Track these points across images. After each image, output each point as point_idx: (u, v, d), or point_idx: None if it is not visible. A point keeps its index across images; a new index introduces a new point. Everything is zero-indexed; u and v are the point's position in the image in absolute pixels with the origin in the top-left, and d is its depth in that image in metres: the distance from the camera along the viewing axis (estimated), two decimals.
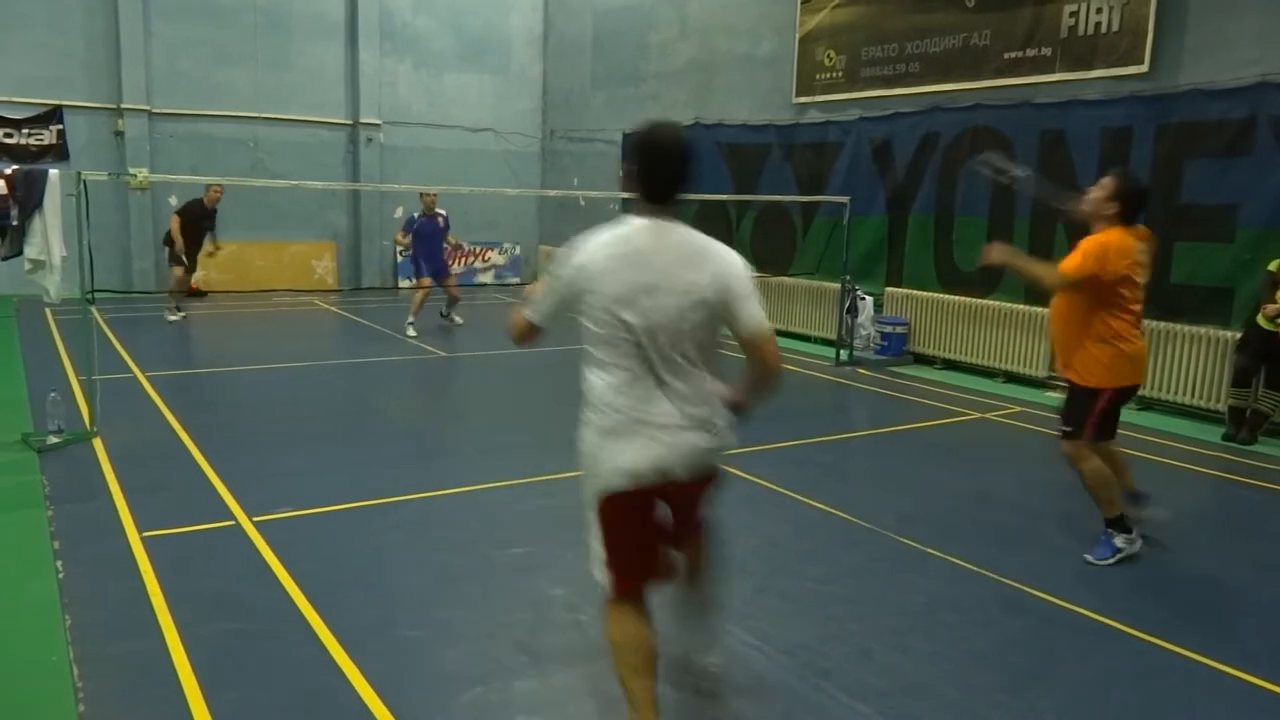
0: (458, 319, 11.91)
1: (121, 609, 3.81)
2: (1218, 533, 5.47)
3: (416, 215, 11.55)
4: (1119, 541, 4.66)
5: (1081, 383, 4.60)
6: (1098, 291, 4.44)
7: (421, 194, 11.66)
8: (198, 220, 11.68)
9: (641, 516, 2.80)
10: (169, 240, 11.68)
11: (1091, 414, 4.58)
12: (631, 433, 2.67)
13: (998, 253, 4.77)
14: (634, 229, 2.73)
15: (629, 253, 2.69)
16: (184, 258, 11.64)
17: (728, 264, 2.72)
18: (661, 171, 2.75)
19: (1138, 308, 4.57)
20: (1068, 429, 4.68)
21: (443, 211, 11.65)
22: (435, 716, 3.13)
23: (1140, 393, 8.29)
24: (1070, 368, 4.65)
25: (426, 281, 11.57)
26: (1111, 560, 4.62)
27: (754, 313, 2.71)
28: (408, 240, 11.58)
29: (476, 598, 4.04)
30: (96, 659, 3.40)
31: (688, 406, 2.70)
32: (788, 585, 4.31)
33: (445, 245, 11.80)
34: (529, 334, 2.89)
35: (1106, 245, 4.42)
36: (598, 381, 2.73)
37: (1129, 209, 4.51)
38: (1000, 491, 5.86)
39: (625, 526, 2.79)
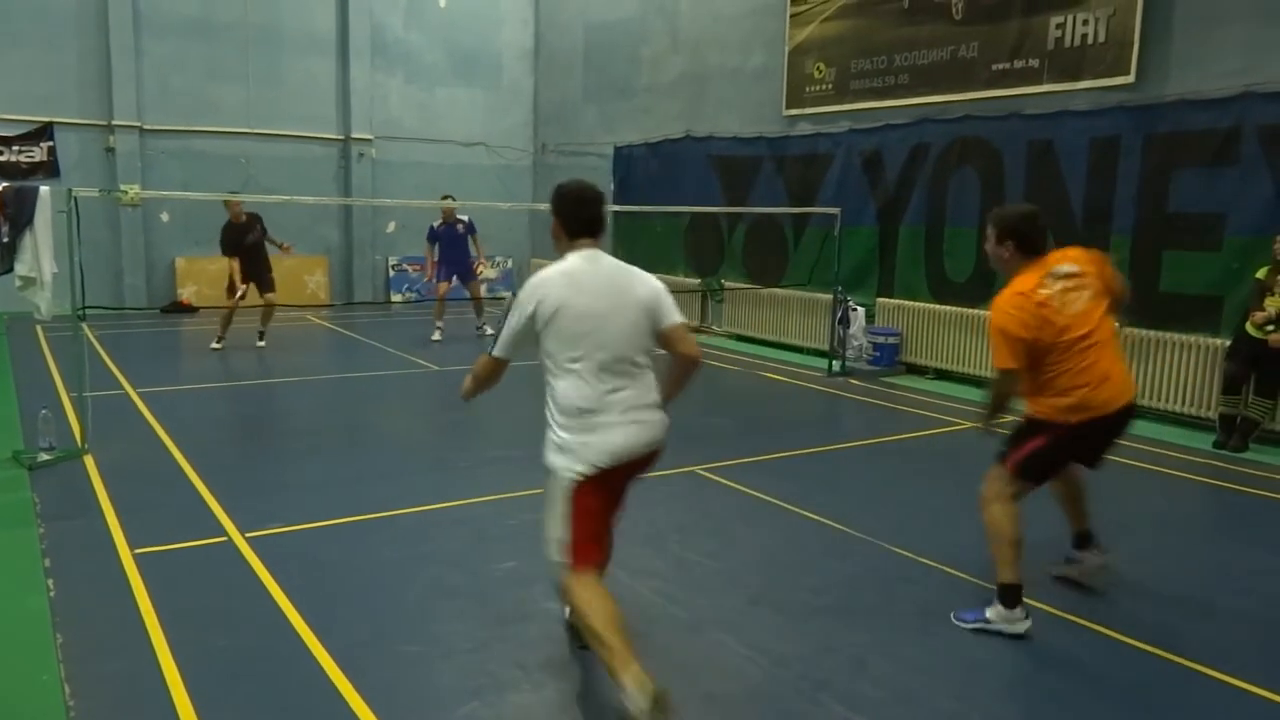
0: (488, 329, 11.94)
1: (113, 627, 3.79)
2: (1211, 540, 5.49)
3: (436, 225, 11.91)
4: (990, 613, 3.91)
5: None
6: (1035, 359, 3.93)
7: (444, 205, 12.02)
8: (240, 241, 10.68)
9: (605, 497, 3.32)
10: (235, 283, 10.71)
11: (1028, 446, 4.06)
12: (605, 424, 3.23)
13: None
14: (578, 261, 3.33)
15: (581, 281, 3.28)
16: (243, 284, 10.68)
17: (649, 280, 3.43)
18: (586, 213, 3.40)
19: (1086, 346, 3.90)
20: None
21: (464, 218, 11.96)
22: None
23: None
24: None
25: (443, 288, 11.95)
26: (970, 626, 3.94)
27: (676, 314, 3.42)
28: (433, 251, 12.00)
29: (470, 612, 4.03)
30: (88, 677, 3.38)
31: (644, 396, 3.33)
32: (782, 596, 4.31)
33: (472, 252, 12.04)
34: (496, 370, 3.46)
35: (1005, 320, 3.88)
36: (569, 389, 3.25)
37: (1023, 241, 4.00)
38: None
39: (592, 508, 3.26)
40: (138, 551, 4.55)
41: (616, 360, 3.26)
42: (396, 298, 16.09)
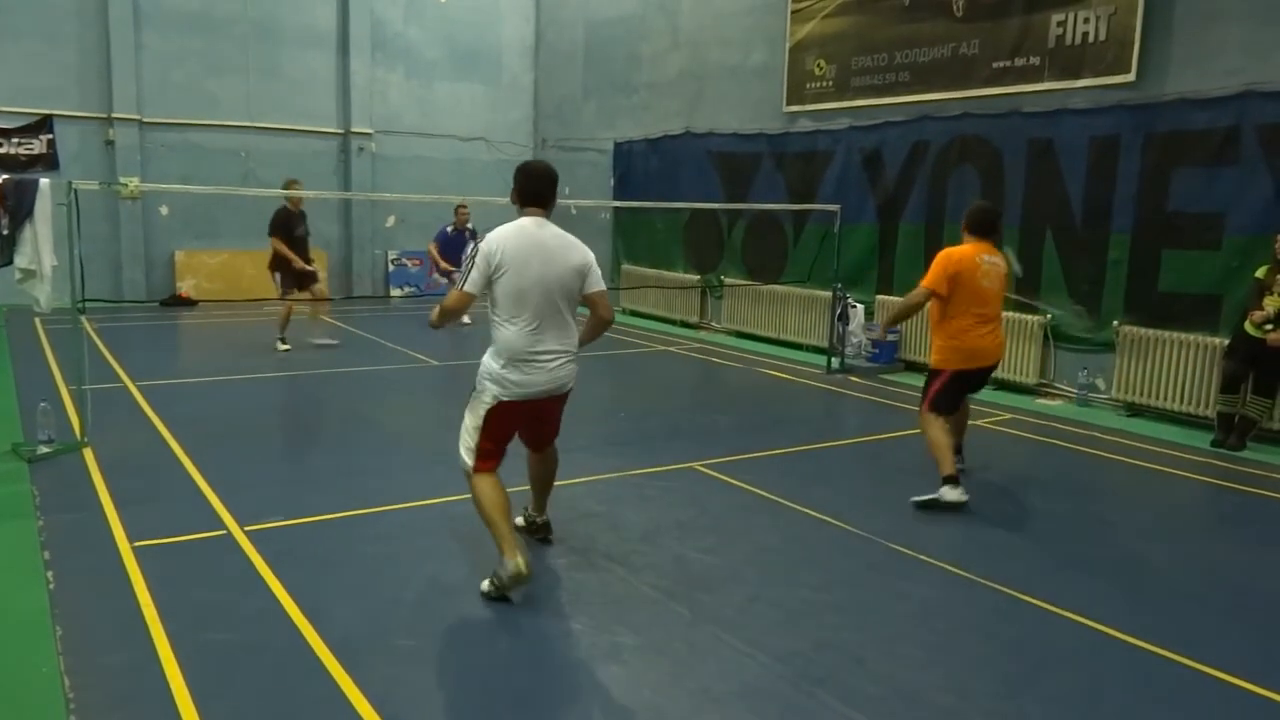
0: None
1: (112, 620, 3.80)
2: (1209, 538, 5.50)
3: (449, 230, 12.11)
4: (941, 492, 5.44)
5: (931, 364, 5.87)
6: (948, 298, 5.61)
7: (456, 208, 12.11)
8: (291, 229, 10.37)
9: (514, 419, 4.23)
10: (276, 265, 10.38)
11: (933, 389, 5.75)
12: (528, 363, 4.10)
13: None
14: (527, 224, 4.16)
15: (528, 240, 4.09)
16: (291, 277, 10.36)
17: (583, 249, 4.25)
18: (535, 186, 4.23)
19: (981, 310, 5.64)
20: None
21: (472, 226, 12.12)
22: None
23: (1130, 399, 8.37)
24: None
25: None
26: (923, 499, 5.48)
27: (601, 283, 4.27)
28: (436, 253, 12.26)
29: (469, 606, 4.04)
30: (87, 670, 3.39)
31: (564, 344, 4.19)
32: (780, 593, 4.31)
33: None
34: (464, 303, 4.14)
35: (947, 255, 5.67)
36: (506, 330, 4.08)
37: (974, 227, 5.79)
38: (992, 498, 5.88)
39: (503, 425, 4.22)
40: (137, 544, 4.56)
41: (547, 313, 4.07)
42: (396, 292, 16.09)
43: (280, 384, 8.96)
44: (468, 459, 4.23)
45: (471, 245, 11.84)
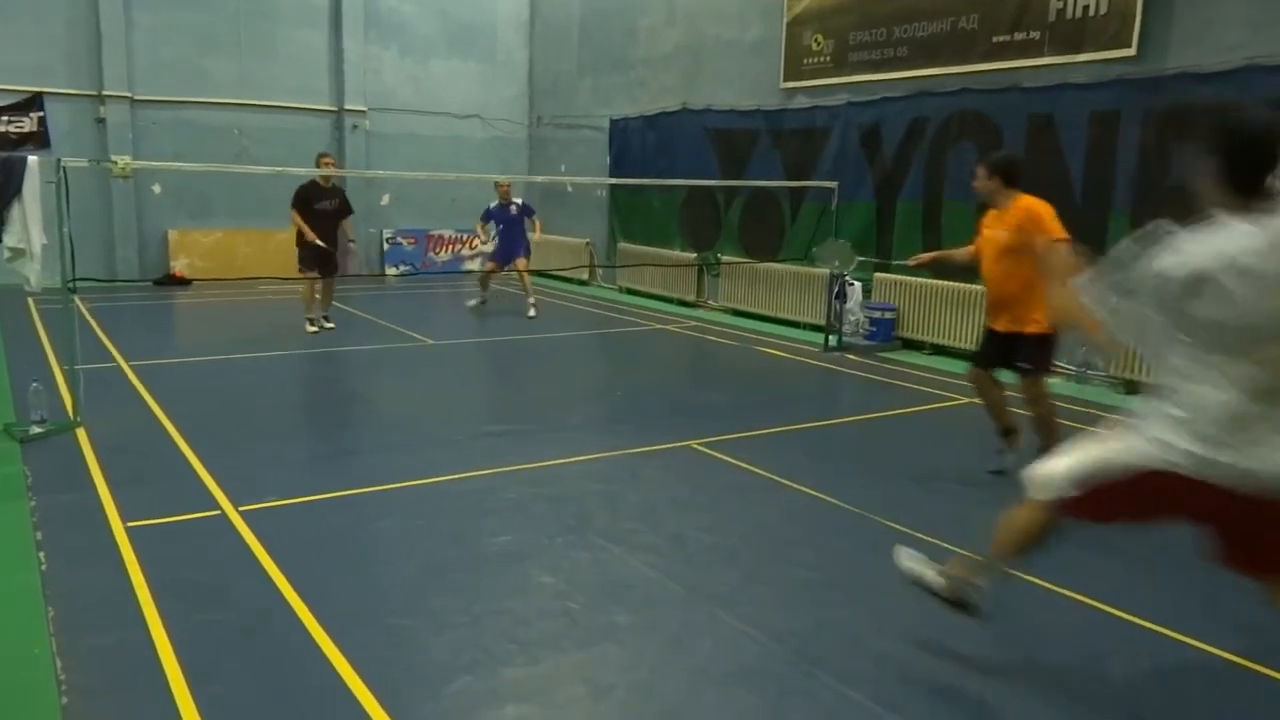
0: (531, 312, 11.85)
1: (105, 600, 3.77)
2: None
3: (492, 205, 12.07)
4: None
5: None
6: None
7: (496, 184, 12.06)
8: (310, 202, 10.18)
9: (1171, 500, 2.70)
10: (298, 241, 10.20)
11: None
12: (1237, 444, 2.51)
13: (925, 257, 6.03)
14: (1268, 232, 2.49)
15: (1269, 262, 2.45)
16: (309, 253, 10.15)
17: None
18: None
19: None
20: (1033, 369, 5.58)
21: (517, 200, 12.04)
22: (424, 706, 3.11)
23: (1129, 375, 8.34)
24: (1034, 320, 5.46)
25: (490, 267, 12.34)
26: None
27: None
28: (485, 230, 12.30)
29: (464, 586, 4.02)
30: (80, 651, 3.36)
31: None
32: (777, 572, 4.30)
33: (529, 236, 12.00)
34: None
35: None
36: (1208, 395, 2.54)
37: (1019, 178, 5.61)
38: (988, 476, 5.86)
39: (1149, 497, 2.74)
40: (130, 525, 4.53)
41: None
42: (391, 271, 16.01)
43: (275, 363, 8.92)
44: (1052, 493, 2.95)
45: (525, 219, 11.85)
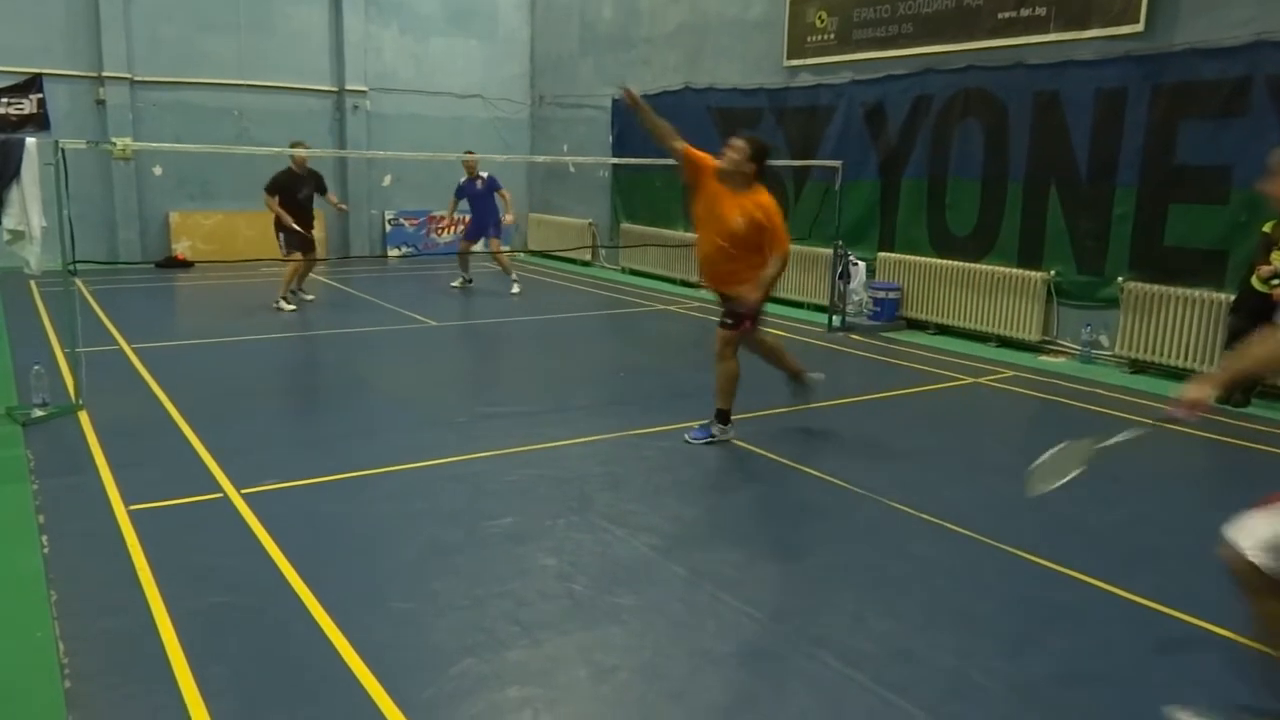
0: (514, 289, 11.92)
1: (108, 583, 3.77)
2: (1210, 495, 5.46)
3: (461, 180, 12.20)
4: (715, 429, 5.76)
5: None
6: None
7: (462, 160, 12.13)
8: (293, 191, 10.41)
9: None
10: (279, 226, 10.37)
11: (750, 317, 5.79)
12: None
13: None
14: None
15: None
16: (295, 237, 10.37)
17: None
18: None
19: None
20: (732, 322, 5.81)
21: (483, 174, 12.11)
22: (426, 688, 3.10)
23: (1133, 355, 8.30)
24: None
25: (463, 246, 12.54)
26: (703, 441, 5.71)
27: None
28: (455, 206, 12.51)
29: (466, 568, 4.01)
30: (82, 634, 3.36)
31: None
32: (779, 553, 4.29)
33: (499, 209, 12.17)
34: None
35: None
36: None
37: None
38: (993, 456, 5.85)
39: None
40: (132, 508, 4.52)
41: None
42: (393, 252, 15.97)
43: (277, 346, 8.90)
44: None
45: (493, 194, 11.97)
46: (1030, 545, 4.37)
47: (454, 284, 12.50)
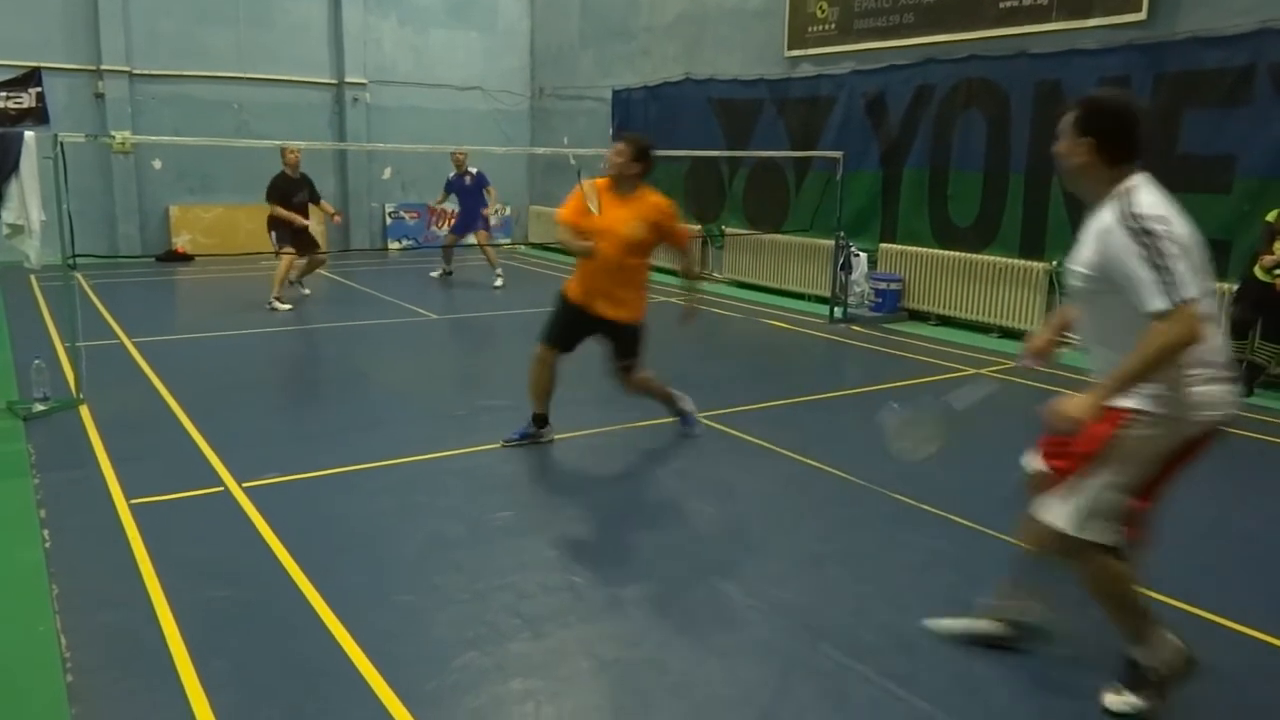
0: (497, 282, 11.95)
1: (109, 577, 3.77)
2: (1211, 485, 5.44)
3: (450, 175, 12.29)
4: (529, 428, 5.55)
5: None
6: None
7: (452, 154, 12.22)
8: (289, 195, 10.25)
9: (1192, 458, 2.98)
10: (273, 224, 10.23)
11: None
12: (1223, 377, 2.81)
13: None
14: (1157, 190, 2.78)
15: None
16: (297, 236, 10.26)
17: None
18: (1141, 132, 2.84)
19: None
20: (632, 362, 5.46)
21: (472, 169, 12.18)
22: (429, 681, 3.10)
23: None
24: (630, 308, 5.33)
25: (449, 239, 12.67)
26: (516, 442, 5.49)
27: None
28: (445, 199, 12.58)
29: (467, 561, 4.01)
30: (84, 628, 3.36)
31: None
32: (783, 543, 4.28)
33: (484, 204, 12.29)
34: (1198, 325, 2.57)
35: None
36: (1216, 335, 2.81)
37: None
38: (995, 448, 5.82)
39: (1173, 473, 3.01)
40: (134, 502, 4.52)
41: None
42: (394, 245, 15.95)
43: (278, 339, 8.89)
44: (1103, 533, 2.88)
45: (481, 191, 12.06)
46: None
47: (433, 273, 12.70)
